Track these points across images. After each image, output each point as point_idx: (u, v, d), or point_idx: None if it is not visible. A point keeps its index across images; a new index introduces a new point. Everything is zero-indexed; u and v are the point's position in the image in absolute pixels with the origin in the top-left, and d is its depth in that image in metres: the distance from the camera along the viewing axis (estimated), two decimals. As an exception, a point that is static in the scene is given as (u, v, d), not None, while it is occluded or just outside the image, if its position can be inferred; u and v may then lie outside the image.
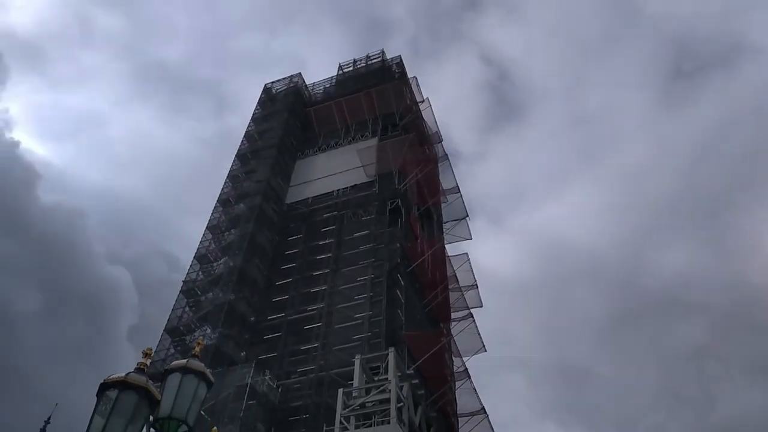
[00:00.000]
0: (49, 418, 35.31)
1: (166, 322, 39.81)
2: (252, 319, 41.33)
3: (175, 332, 38.77)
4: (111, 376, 5.30)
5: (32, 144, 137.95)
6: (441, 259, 43.17)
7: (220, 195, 49.22)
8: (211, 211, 47.97)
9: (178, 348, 38.69)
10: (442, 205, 51.27)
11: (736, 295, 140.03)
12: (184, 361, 6.23)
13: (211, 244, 45.35)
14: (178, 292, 41.66)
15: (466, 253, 45.18)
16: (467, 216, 50.50)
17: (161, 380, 6.13)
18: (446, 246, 47.16)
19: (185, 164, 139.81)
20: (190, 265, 44.32)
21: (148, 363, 5.69)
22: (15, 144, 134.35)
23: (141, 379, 5.38)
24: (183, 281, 43.07)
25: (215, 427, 6.98)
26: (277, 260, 44.90)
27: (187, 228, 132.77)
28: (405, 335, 34.73)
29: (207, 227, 46.41)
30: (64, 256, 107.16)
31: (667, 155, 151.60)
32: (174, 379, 6.03)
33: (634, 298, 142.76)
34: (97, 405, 5.22)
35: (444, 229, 50.02)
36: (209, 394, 23.21)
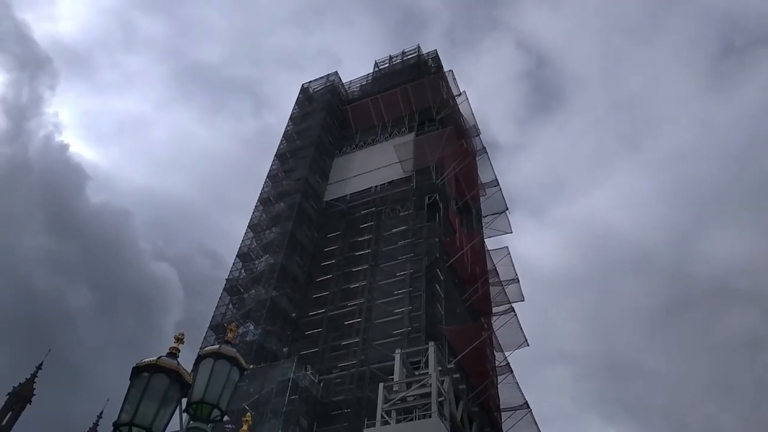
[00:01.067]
0: (101, 413, 36.73)
1: (210, 319, 40.77)
2: (293, 315, 41.91)
3: (219, 329, 39.60)
4: (143, 360, 5.44)
5: (80, 147, 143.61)
6: (480, 253, 42.75)
7: (260, 194, 50.07)
8: (251, 209, 48.86)
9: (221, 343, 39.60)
10: (481, 198, 50.73)
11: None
12: (217, 346, 6.34)
13: (253, 242, 46.18)
14: (221, 290, 42.58)
15: (507, 247, 44.66)
16: (507, 209, 49.90)
17: (194, 366, 6.26)
18: (486, 240, 46.70)
19: (225, 163, 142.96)
20: (233, 264, 45.26)
21: (180, 347, 5.81)
22: (65, 147, 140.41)
23: (172, 363, 5.50)
24: (226, 279, 44.02)
25: (249, 413, 7.09)
26: (317, 257, 45.37)
27: (228, 225, 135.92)
28: (445, 330, 34.56)
29: (248, 226, 47.28)
30: (113, 255, 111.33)
31: (715, 138, 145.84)
32: (206, 365, 6.14)
33: (684, 287, 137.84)
34: (129, 388, 5.36)
35: (483, 223, 49.49)
36: (253, 389, 23.66)
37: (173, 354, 5.73)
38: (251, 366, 37.04)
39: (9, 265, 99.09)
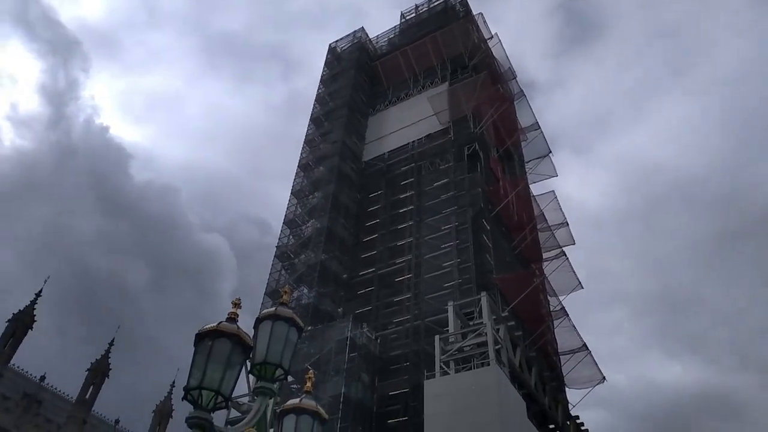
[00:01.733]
0: (173, 382, 38.63)
1: (265, 286, 41.88)
2: (344, 276, 42.57)
3: (274, 294, 40.66)
4: (205, 327, 5.52)
5: (119, 128, 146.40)
6: (526, 199, 42.02)
7: (299, 160, 50.33)
8: (292, 174, 49.27)
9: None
10: (522, 143, 49.55)
11: None
12: (273, 309, 6.39)
13: (297, 208, 46.75)
14: (272, 256, 43.49)
15: (553, 191, 43.71)
16: (550, 152, 48.63)
17: (255, 329, 6.34)
18: (531, 185, 45.81)
19: (260, 131, 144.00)
20: (281, 231, 46.04)
21: (238, 312, 5.88)
22: (105, 129, 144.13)
23: (232, 327, 5.57)
24: (276, 246, 44.93)
25: (311, 371, 7.22)
26: (361, 218, 45.64)
27: (271, 192, 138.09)
28: (496, 279, 34.44)
29: (291, 192, 47.80)
30: (164, 230, 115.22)
31: (766, 59, 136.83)
32: (265, 327, 6.21)
33: (737, 216, 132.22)
34: (195, 354, 5.46)
35: (527, 169, 48.47)
36: (313, 349, 24.15)
37: (232, 319, 5.82)
38: (309, 328, 38.12)
39: (67, 248, 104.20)
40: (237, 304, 6.12)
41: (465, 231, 37.77)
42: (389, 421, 31.91)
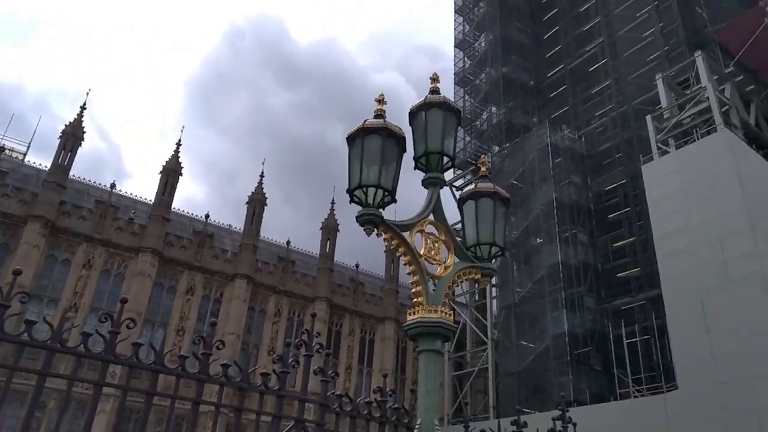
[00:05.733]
0: (333, 199, 42.09)
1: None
2: (531, 83, 39.87)
3: (464, 122, 40.16)
4: (353, 128, 5.24)
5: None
6: None
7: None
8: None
9: (472, 134, 40.39)
10: None
11: None
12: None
13: (465, 26, 43.89)
14: (451, 83, 42.37)
15: None
16: None
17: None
18: None
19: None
20: (454, 55, 44.14)
21: (384, 108, 5.45)
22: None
23: (379, 122, 5.18)
24: (454, 74, 43.47)
25: (484, 157, 6.72)
26: (536, 14, 41.15)
27: (434, 18, 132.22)
28: (712, 32, 28.71)
29: (455, 11, 44.73)
30: (343, 83, 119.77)
31: None
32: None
33: None
34: (349, 157, 5.24)
35: None
36: (516, 164, 23.81)
37: (379, 115, 5.39)
38: (506, 145, 37.32)
39: (271, 126, 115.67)
40: (381, 101, 5.66)
41: (664, -14, 31.59)
42: (609, 216, 30.74)
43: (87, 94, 49.97)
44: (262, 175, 40.37)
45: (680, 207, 22.32)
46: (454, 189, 38.36)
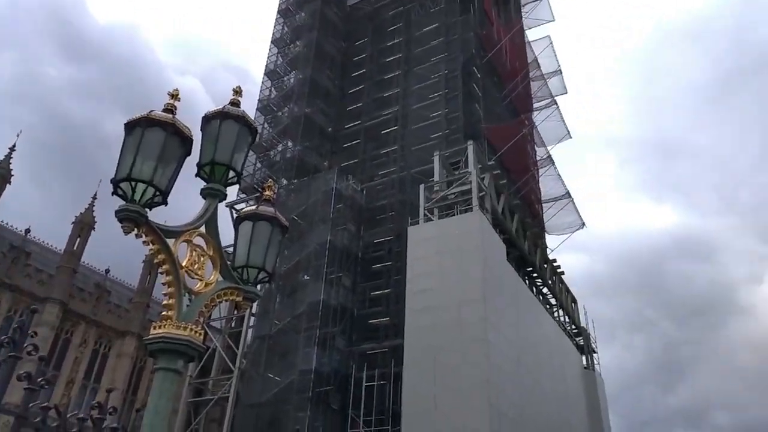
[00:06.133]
0: (95, 194, 39.12)
1: (248, 139, 40.85)
2: (329, 129, 41.58)
3: (258, 148, 39.91)
4: (134, 116, 4.81)
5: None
6: (520, 45, 39.87)
7: (278, 5, 46.69)
8: (272, 21, 46.02)
9: (264, 162, 40.24)
10: (519, -16, 45.94)
11: None
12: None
13: (278, 58, 44.29)
14: (253, 107, 42.01)
15: (548, 36, 41.28)
16: (548, -7, 45.18)
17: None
18: (526, 31, 43.23)
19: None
20: (262, 82, 44.01)
21: (176, 104, 5.12)
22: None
23: (167, 116, 4.82)
24: (258, 99, 43.22)
25: (271, 180, 6.72)
26: (347, 68, 43.53)
27: (250, 39, 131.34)
28: (484, 128, 33.68)
29: (271, 41, 44.97)
30: (137, 73, 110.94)
31: None
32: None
33: (743, 55, 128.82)
34: (123, 145, 4.77)
35: (522, 13, 45.45)
36: (300, 201, 23.99)
37: (169, 110, 5.03)
38: (294, 181, 37.96)
39: (39, 99, 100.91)
40: (175, 96, 5.34)
41: (455, 79, 36.22)
42: (374, 266, 32.98)
43: None
44: (12, 148, 34.55)
45: (432, 269, 25.05)
46: (234, 210, 37.41)
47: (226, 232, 5.72)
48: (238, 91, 5.99)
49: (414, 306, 24.55)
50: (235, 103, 5.88)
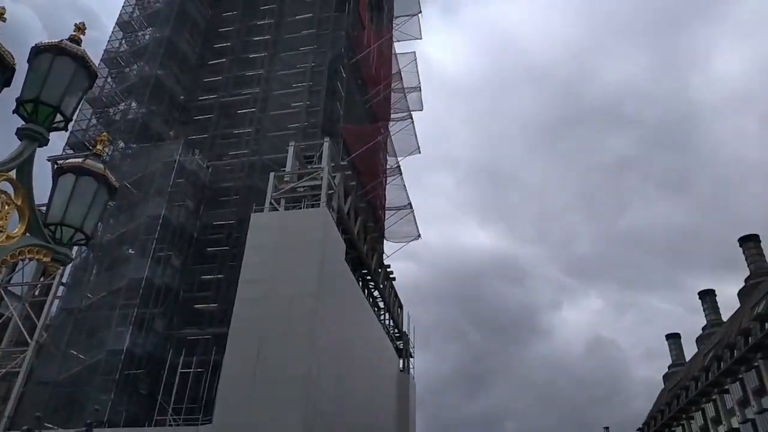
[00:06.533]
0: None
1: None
2: (182, 97, 39.04)
3: (97, 102, 36.17)
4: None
5: None
6: (387, 55, 41.05)
7: (144, -45, 42.82)
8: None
9: (101, 120, 36.50)
10: (395, -4, 47.38)
11: (672, 109, 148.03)
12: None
13: (135, 10, 40.61)
14: (99, 60, 37.96)
15: (414, 52, 43.11)
16: (420, 12, 47.25)
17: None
18: (395, 43, 44.68)
19: None
20: (112, 33, 40.00)
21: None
22: None
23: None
24: (105, 50, 39.15)
25: (105, 132, 6.02)
26: (210, 37, 41.25)
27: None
28: (342, 128, 34.06)
29: (130, -10, 41.09)
30: None
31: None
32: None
33: (575, 105, 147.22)
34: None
35: (394, 25, 46.88)
36: (137, 168, 22.19)
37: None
38: (133, 145, 34.99)
39: None
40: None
41: (320, 74, 36.10)
42: (209, 249, 31.56)
43: None
44: None
45: (269, 260, 24.59)
46: (56, 165, 33.36)
47: (42, 193, 5.05)
48: (81, 28, 5.33)
49: (244, 294, 23.88)
50: (75, 40, 5.24)
